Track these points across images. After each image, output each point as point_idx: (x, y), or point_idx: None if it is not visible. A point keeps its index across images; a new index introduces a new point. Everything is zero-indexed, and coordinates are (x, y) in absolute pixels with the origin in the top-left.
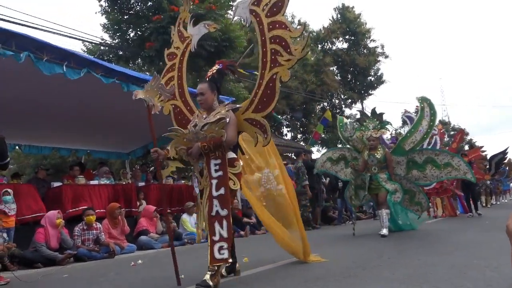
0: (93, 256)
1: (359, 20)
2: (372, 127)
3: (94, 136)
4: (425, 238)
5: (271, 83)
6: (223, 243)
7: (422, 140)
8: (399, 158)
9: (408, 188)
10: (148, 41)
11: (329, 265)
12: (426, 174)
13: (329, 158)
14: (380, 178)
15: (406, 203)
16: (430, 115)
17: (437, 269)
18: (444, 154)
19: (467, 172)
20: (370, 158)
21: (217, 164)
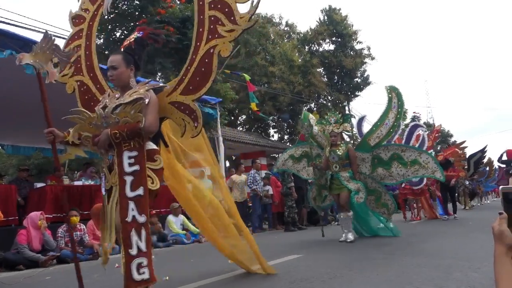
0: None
1: (346, 22)
2: (333, 121)
3: None
4: (410, 239)
5: (207, 58)
6: (143, 259)
7: (388, 134)
8: (364, 155)
9: (373, 188)
10: None
11: (315, 266)
12: (392, 173)
13: (291, 156)
14: (342, 176)
15: (372, 204)
16: (398, 107)
17: (421, 270)
18: (411, 151)
19: (436, 170)
20: (331, 155)
21: (132, 157)
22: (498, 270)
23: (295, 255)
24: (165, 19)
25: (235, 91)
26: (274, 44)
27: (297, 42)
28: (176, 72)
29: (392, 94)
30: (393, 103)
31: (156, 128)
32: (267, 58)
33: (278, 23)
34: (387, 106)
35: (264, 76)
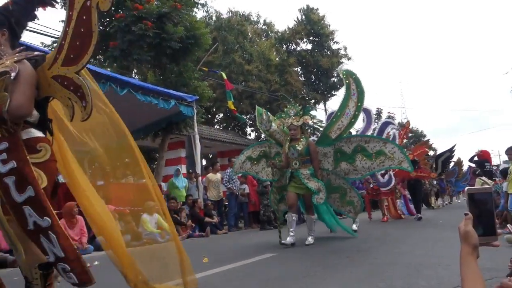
0: None
1: (323, 22)
2: (293, 113)
3: None
4: (383, 238)
5: (85, 14)
6: (64, 265)
7: (350, 125)
8: (325, 149)
9: (337, 184)
10: (111, 39)
11: (289, 265)
12: (356, 167)
13: (249, 157)
14: (302, 174)
15: (337, 203)
16: (358, 94)
17: (393, 268)
18: (375, 141)
19: (403, 160)
20: (291, 151)
21: (2, 151)
22: (464, 270)
23: (270, 254)
24: (142, 14)
25: (212, 89)
26: (251, 42)
27: (275, 41)
28: (152, 68)
29: (349, 80)
30: (352, 90)
31: (28, 111)
32: (245, 57)
33: (256, 21)
34: (346, 94)
35: (241, 74)
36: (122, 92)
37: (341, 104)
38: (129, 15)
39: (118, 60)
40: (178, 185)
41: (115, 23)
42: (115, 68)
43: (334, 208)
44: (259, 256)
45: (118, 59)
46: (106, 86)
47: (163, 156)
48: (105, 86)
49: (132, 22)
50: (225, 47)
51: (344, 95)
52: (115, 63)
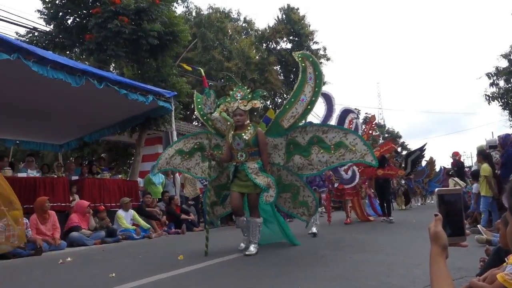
0: (18, 253)
1: (303, 22)
2: (240, 96)
3: (24, 126)
4: (357, 237)
5: None
6: None
7: (306, 113)
8: (276, 140)
9: (289, 182)
10: (88, 32)
11: (263, 263)
12: (312, 161)
13: (180, 150)
14: (249, 168)
15: (288, 204)
16: (315, 78)
17: (366, 267)
18: (334, 131)
19: (366, 153)
20: (236, 140)
21: None
22: (433, 270)
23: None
24: (119, 9)
25: (191, 85)
26: (231, 39)
27: (255, 39)
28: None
29: (305, 63)
30: (308, 74)
31: None
32: (224, 54)
33: (236, 18)
34: (301, 78)
35: (220, 71)
36: (100, 85)
37: (296, 89)
38: (105, 10)
39: (94, 53)
40: (154, 181)
41: (92, 19)
42: (92, 61)
43: (284, 210)
44: (234, 254)
45: (95, 53)
46: (82, 80)
47: (140, 152)
48: (81, 79)
49: (108, 17)
50: (205, 43)
51: (299, 79)
52: (91, 56)
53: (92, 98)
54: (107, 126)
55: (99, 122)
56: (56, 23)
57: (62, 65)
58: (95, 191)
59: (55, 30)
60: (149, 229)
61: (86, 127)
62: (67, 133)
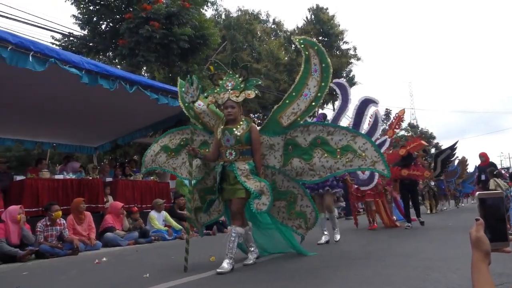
0: (56, 253)
1: (333, 22)
2: (231, 86)
3: (60, 129)
4: (390, 240)
5: None
6: None
7: (310, 110)
8: (272, 140)
9: (285, 189)
10: (121, 37)
11: (296, 264)
12: (314, 165)
13: (165, 147)
14: (239, 169)
15: (283, 214)
16: (321, 71)
17: (400, 270)
18: (341, 133)
19: (377, 161)
20: (225, 136)
21: None
22: (475, 277)
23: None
24: (150, 15)
25: None
26: (260, 41)
27: (284, 40)
28: (160, 66)
29: (309, 51)
30: (313, 65)
31: None
32: (253, 55)
33: (265, 20)
34: (304, 69)
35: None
36: (132, 89)
37: (297, 82)
38: (137, 16)
39: (127, 58)
40: (186, 183)
41: (125, 24)
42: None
43: (277, 221)
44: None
45: (127, 57)
46: (115, 84)
47: None
48: (115, 83)
49: (140, 23)
50: (234, 45)
51: (301, 70)
52: (124, 60)
53: (125, 101)
54: (139, 128)
55: (132, 125)
56: (90, 28)
57: (96, 69)
58: (128, 192)
59: (89, 35)
60: (181, 230)
61: (119, 130)
62: (101, 136)
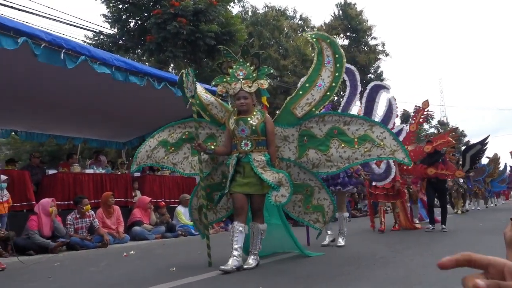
0: (85, 245)
1: (361, 17)
2: (243, 75)
3: (91, 125)
4: (419, 238)
5: None
6: None
7: (325, 100)
8: (287, 131)
9: (301, 182)
10: (149, 33)
11: (322, 262)
12: (331, 156)
13: (163, 142)
14: (255, 161)
15: (298, 209)
16: (335, 62)
17: (430, 270)
18: (358, 122)
19: (397, 150)
20: (240, 126)
21: None
22: None
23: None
24: (178, 11)
25: None
26: (287, 37)
27: None
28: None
29: (321, 44)
30: (326, 57)
31: None
32: (280, 52)
33: (292, 16)
34: (317, 61)
35: (276, 69)
36: (160, 86)
37: (311, 73)
38: (165, 12)
39: (154, 53)
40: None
41: (152, 19)
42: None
43: (293, 216)
44: (290, 253)
45: (155, 53)
46: (144, 80)
47: None
48: (143, 80)
49: (168, 19)
50: (261, 42)
51: (314, 63)
52: (152, 57)
53: (153, 98)
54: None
55: (159, 120)
56: (119, 26)
57: (126, 66)
58: (155, 187)
59: (118, 32)
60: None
61: (147, 126)
62: (130, 132)
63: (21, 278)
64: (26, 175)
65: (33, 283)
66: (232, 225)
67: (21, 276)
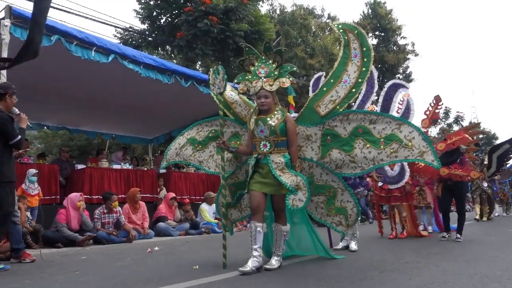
0: (111, 240)
1: (390, 16)
2: (264, 73)
3: (119, 121)
4: (446, 244)
5: None
6: None
7: (350, 97)
8: (309, 130)
9: (323, 182)
10: (179, 30)
11: (345, 265)
12: (355, 157)
13: (192, 139)
14: (274, 163)
15: (321, 211)
16: (362, 56)
17: (456, 277)
18: (385, 121)
19: (426, 151)
20: (259, 126)
21: None
22: None
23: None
24: (209, 9)
25: None
26: (314, 36)
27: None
28: (216, 61)
29: (348, 36)
30: (353, 50)
31: None
32: (307, 51)
33: (320, 15)
34: (343, 54)
35: (302, 68)
36: (187, 84)
37: (336, 68)
38: (197, 9)
39: (183, 50)
40: None
41: (184, 16)
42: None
43: (315, 218)
44: (313, 254)
45: (184, 50)
46: (171, 78)
47: None
48: (171, 78)
49: (199, 16)
50: (288, 41)
51: (340, 56)
52: (180, 54)
53: (180, 95)
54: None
55: (186, 118)
56: (150, 22)
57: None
58: (181, 184)
59: (148, 29)
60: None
61: (174, 123)
62: (156, 128)
63: (49, 270)
64: (56, 169)
65: (60, 276)
66: (249, 224)
67: (49, 268)
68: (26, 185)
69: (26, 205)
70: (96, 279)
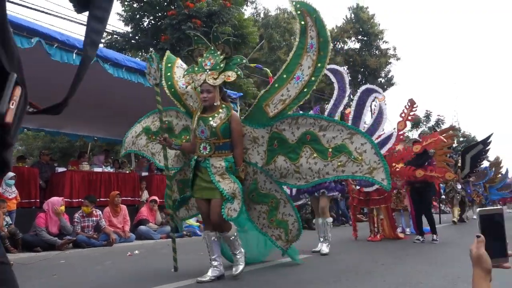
0: (91, 243)
1: (373, 21)
2: (210, 66)
3: (100, 123)
4: (422, 246)
5: None
6: None
7: (301, 97)
8: (257, 132)
9: (266, 191)
10: (163, 33)
11: (322, 268)
12: (300, 167)
13: (147, 129)
14: (213, 167)
15: (262, 221)
16: (318, 48)
17: (428, 278)
18: (337, 129)
19: (376, 168)
20: (200, 127)
21: None
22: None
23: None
24: (192, 13)
25: (256, 85)
26: None
27: None
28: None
29: (306, 20)
30: (309, 39)
31: None
32: None
33: None
34: (299, 44)
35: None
36: None
37: (290, 61)
38: (180, 13)
39: None
40: None
41: (167, 20)
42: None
43: (256, 227)
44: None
45: None
46: None
47: None
48: None
49: (182, 20)
50: (271, 44)
51: (295, 46)
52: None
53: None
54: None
55: None
56: (133, 25)
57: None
58: (163, 187)
59: (132, 31)
60: None
61: None
62: None
63: (27, 274)
64: (36, 172)
65: (38, 280)
66: (203, 235)
67: (27, 272)
68: (3, 188)
69: (5, 209)
70: (73, 284)
